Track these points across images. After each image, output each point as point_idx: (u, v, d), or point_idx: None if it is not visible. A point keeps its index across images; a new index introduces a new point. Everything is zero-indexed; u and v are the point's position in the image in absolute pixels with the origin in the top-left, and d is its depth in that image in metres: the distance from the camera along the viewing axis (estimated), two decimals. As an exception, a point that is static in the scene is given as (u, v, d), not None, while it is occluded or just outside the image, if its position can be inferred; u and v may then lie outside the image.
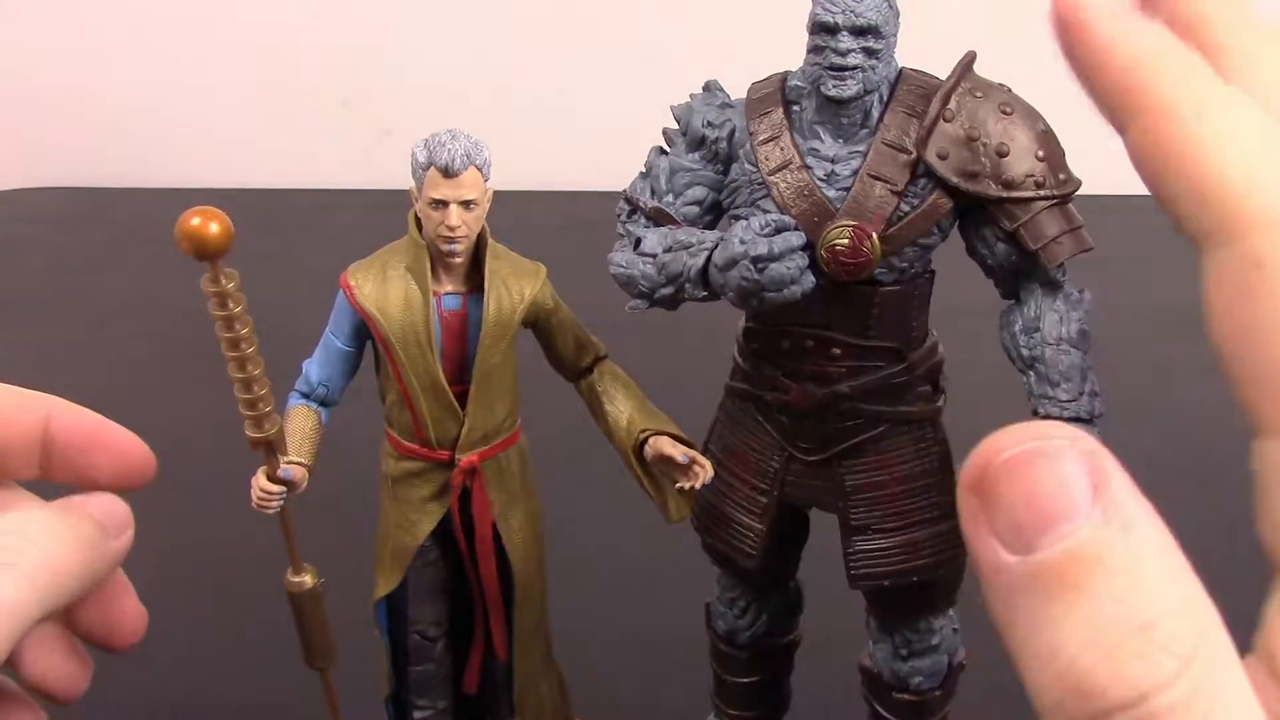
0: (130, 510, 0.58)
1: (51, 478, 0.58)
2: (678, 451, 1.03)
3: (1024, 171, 0.99)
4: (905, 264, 1.01)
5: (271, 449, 0.90)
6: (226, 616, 1.53)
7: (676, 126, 1.07)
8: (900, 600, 1.11)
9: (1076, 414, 1.00)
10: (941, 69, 1.02)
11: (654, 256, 1.00)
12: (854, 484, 1.07)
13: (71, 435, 0.57)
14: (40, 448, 0.57)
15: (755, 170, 1.01)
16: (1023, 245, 1.00)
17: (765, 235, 0.92)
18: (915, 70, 1.02)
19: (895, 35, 0.98)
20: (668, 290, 1.00)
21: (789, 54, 1.06)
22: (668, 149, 1.07)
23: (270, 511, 0.95)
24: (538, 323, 1.07)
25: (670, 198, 1.05)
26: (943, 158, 0.98)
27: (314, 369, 1.05)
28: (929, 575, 1.08)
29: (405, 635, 1.13)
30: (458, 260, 1.00)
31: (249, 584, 1.27)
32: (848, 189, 0.99)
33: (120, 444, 0.59)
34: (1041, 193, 0.99)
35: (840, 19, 0.95)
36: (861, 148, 0.99)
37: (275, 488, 0.94)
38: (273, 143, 3.34)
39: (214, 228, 0.73)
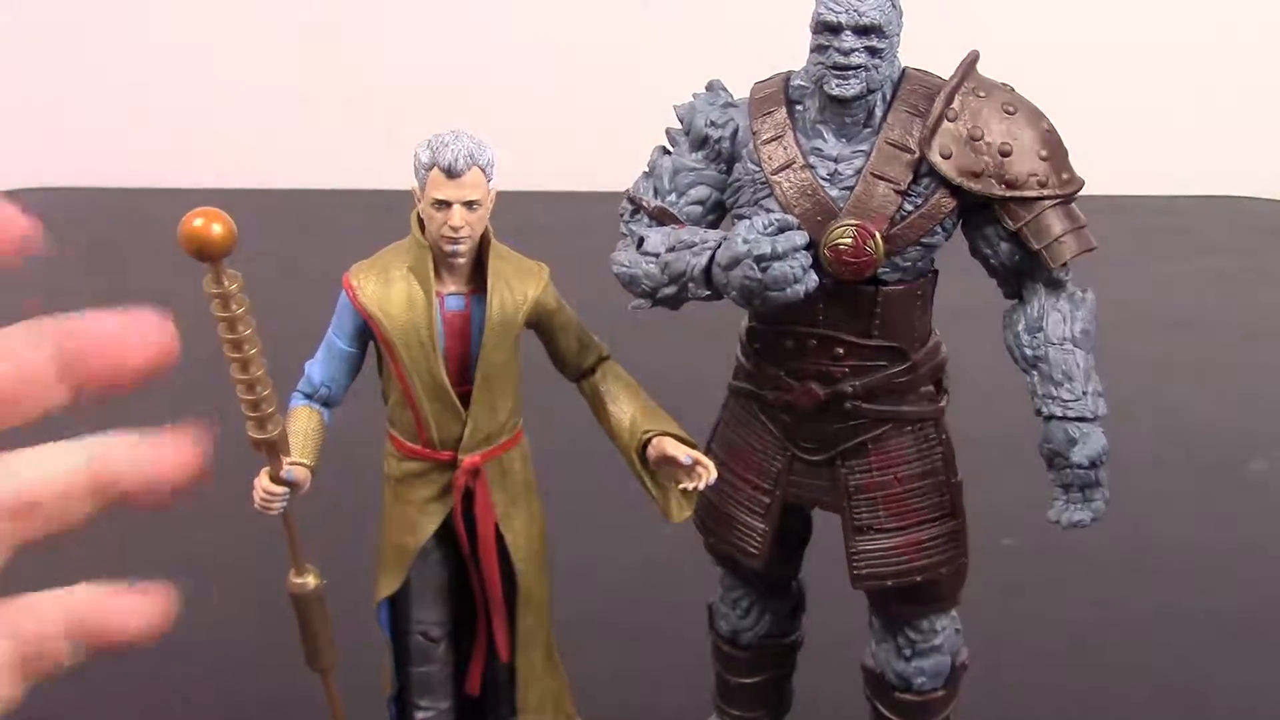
0: None
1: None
2: (681, 452, 1.03)
3: (1027, 171, 0.99)
4: (908, 263, 1.01)
5: (274, 450, 0.90)
6: (228, 617, 1.53)
7: (679, 126, 1.07)
8: (903, 600, 1.11)
9: (1080, 413, 1.00)
10: (945, 68, 1.02)
11: (657, 256, 1.00)
12: (857, 484, 1.07)
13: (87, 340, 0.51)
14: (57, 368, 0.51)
15: (758, 169, 1.01)
16: (1026, 245, 1.00)
17: (768, 234, 0.92)
18: (918, 69, 1.02)
19: (898, 35, 0.98)
20: (671, 289, 1.00)
21: (792, 53, 1.06)
22: (671, 148, 1.07)
23: (273, 513, 0.95)
24: (540, 323, 1.07)
25: (673, 197, 1.05)
26: (946, 157, 0.98)
27: (316, 370, 1.04)
28: (932, 575, 1.08)
29: (407, 636, 1.12)
30: (461, 261, 1.00)
31: (251, 585, 1.26)
32: (851, 188, 0.98)
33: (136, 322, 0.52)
34: (1045, 192, 0.99)
35: (843, 18, 0.95)
36: (865, 147, 0.99)
37: (278, 489, 0.94)
38: (274, 143, 3.34)
39: (217, 229, 0.73)
